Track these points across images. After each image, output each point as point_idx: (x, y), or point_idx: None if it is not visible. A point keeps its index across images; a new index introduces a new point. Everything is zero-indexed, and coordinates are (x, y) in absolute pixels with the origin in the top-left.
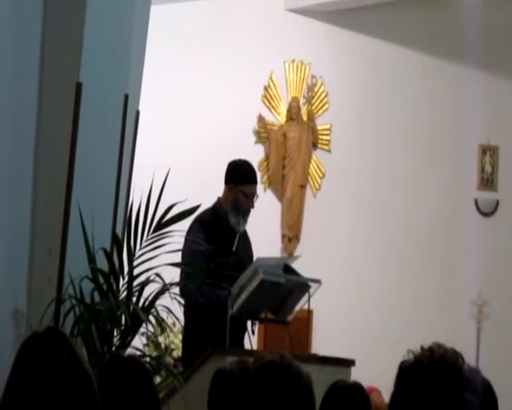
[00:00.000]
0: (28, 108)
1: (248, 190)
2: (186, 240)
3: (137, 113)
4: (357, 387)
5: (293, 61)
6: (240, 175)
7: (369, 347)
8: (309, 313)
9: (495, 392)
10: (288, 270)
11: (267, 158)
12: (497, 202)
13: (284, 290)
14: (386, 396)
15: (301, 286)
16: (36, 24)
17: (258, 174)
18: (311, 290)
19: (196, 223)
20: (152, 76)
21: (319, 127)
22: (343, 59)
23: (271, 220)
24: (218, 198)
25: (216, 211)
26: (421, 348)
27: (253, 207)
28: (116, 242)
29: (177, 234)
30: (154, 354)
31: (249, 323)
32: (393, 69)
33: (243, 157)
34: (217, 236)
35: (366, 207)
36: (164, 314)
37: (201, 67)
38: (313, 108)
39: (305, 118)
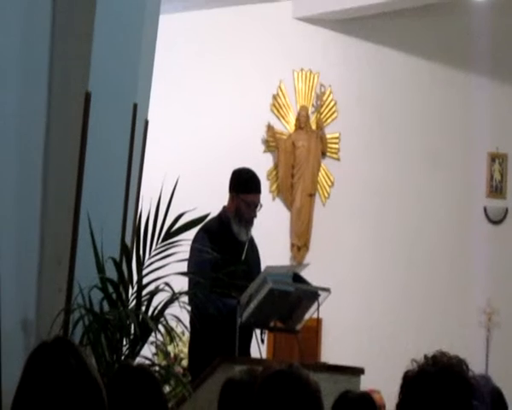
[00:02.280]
0: (37, 117)
1: (250, 200)
2: (192, 249)
3: (146, 122)
4: (365, 397)
5: (301, 69)
6: (242, 184)
7: (378, 355)
8: (318, 321)
9: (505, 399)
10: (297, 279)
11: (276, 167)
12: (507, 210)
13: (293, 299)
14: (387, 399)
15: (310, 295)
16: (45, 34)
17: (267, 183)
18: (320, 299)
19: (202, 231)
20: (161, 85)
21: (328, 136)
22: (352, 67)
23: (280, 229)
24: (224, 207)
25: (221, 219)
26: (425, 356)
27: (255, 216)
28: (125, 251)
29: (186, 243)
30: (164, 363)
31: (258, 332)
32: (402, 77)
33: (252, 166)
34: (222, 244)
35: (375, 216)
36: (173, 323)
37: (210, 76)
38: (322, 116)
39: (313, 126)
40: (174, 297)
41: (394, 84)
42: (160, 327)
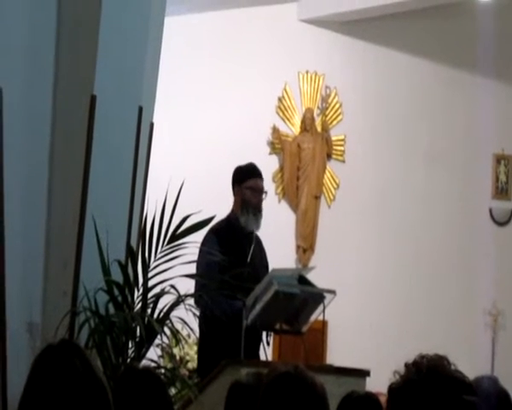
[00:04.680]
0: (43, 120)
1: (254, 184)
2: (201, 251)
3: (151, 125)
4: (370, 397)
5: (307, 71)
6: (243, 173)
7: (384, 357)
8: (323, 323)
9: None
10: (303, 281)
11: (281, 169)
12: None
13: (299, 301)
14: None
15: (316, 297)
16: (50, 37)
17: (273, 185)
18: (326, 301)
19: (211, 234)
20: (166, 88)
21: (333, 138)
22: (357, 69)
23: (286, 231)
24: (232, 209)
25: (230, 221)
26: (406, 365)
27: (261, 201)
28: (131, 253)
29: (192, 245)
30: (169, 365)
31: (264, 334)
32: (407, 79)
33: None
34: (231, 246)
35: (380, 218)
36: (179, 326)
37: (215, 78)
38: (327, 118)
39: (319, 129)
40: (180, 300)
41: (399, 86)
42: (166, 330)
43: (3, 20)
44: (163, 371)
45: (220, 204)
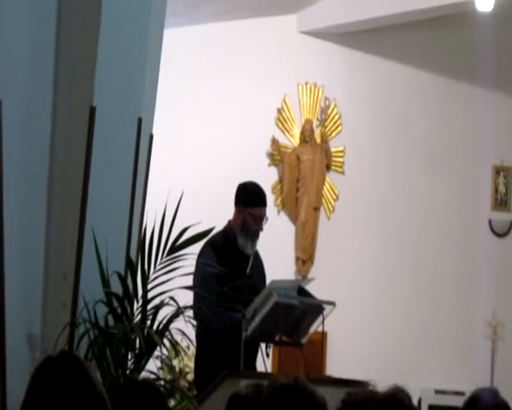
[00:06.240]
0: (42, 131)
1: (257, 213)
2: (198, 263)
3: (151, 136)
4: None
5: (306, 83)
6: (248, 198)
7: (384, 368)
8: (323, 335)
9: None
10: (302, 292)
11: (281, 181)
12: (511, 223)
13: (298, 313)
14: None
15: (315, 308)
16: (49, 48)
17: (272, 197)
18: (326, 312)
19: (207, 246)
20: (166, 100)
21: (333, 149)
22: (356, 81)
23: (285, 243)
24: (229, 221)
25: (226, 234)
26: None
27: (261, 229)
28: (130, 265)
29: (191, 257)
30: (169, 377)
31: (263, 345)
32: (406, 90)
33: (257, 180)
34: (228, 259)
35: (380, 229)
36: (178, 337)
37: (214, 89)
38: (326, 130)
39: (318, 140)
40: (179, 311)
41: (399, 98)
42: (165, 341)
43: (4, 33)
44: (162, 382)
45: (219, 216)
